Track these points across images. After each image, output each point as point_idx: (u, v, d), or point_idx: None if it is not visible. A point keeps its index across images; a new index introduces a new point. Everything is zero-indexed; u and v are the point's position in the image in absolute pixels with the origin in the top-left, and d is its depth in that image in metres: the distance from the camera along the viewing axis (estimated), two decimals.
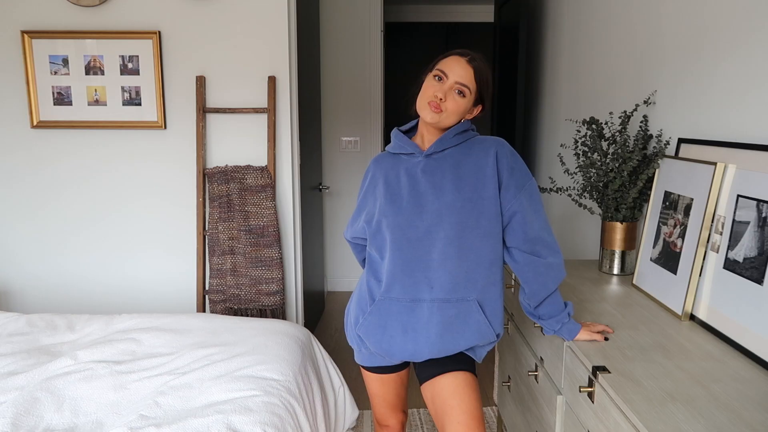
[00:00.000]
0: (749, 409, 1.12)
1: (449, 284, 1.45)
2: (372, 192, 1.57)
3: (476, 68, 1.46)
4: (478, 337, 1.50)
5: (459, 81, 1.45)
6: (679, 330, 1.53)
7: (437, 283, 1.46)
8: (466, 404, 1.50)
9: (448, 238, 1.45)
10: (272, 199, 2.79)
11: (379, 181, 1.55)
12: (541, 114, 3.39)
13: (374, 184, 1.57)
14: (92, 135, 2.82)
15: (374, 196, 1.56)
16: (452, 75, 1.46)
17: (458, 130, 1.50)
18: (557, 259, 1.50)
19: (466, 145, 1.50)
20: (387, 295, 1.49)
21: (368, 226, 1.55)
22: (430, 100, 1.46)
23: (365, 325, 1.53)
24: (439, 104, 1.45)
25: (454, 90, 1.46)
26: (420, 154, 1.51)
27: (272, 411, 1.61)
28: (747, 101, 1.55)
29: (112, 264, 2.91)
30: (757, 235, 1.37)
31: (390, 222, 1.49)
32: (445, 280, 1.45)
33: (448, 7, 5.61)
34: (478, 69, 1.47)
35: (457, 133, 1.50)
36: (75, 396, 1.72)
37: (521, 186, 1.48)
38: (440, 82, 1.46)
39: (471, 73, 1.46)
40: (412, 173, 1.51)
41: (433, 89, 1.46)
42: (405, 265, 1.47)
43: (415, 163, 1.52)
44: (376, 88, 4.36)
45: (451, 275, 1.45)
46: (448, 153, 1.50)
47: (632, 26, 2.23)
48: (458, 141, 1.50)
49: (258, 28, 2.74)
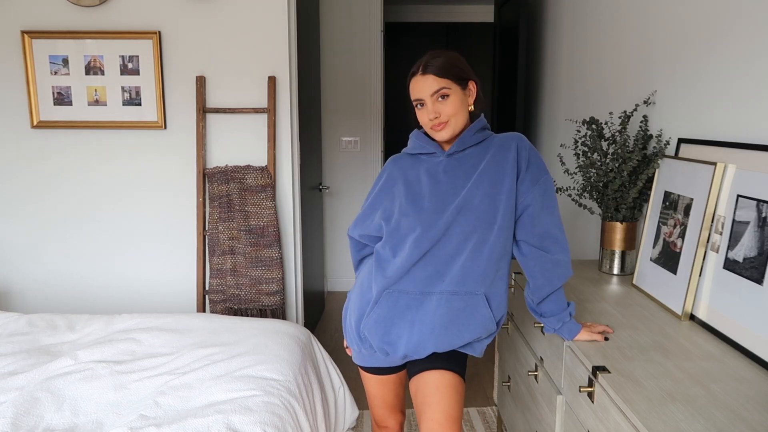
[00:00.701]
0: (749, 409, 1.12)
1: (460, 277, 1.46)
2: (389, 191, 1.58)
3: (433, 70, 1.47)
4: (482, 330, 1.50)
5: (432, 92, 1.47)
6: (679, 330, 1.53)
7: (449, 276, 1.47)
8: (444, 404, 1.51)
9: (465, 233, 1.46)
10: (272, 199, 2.79)
11: (398, 181, 1.56)
12: (541, 114, 3.39)
13: (391, 183, 1.58)
14: (92, 135, 2.82)
15: (392, 195, 1.57)
16: (424, 94, 1.48)
17: (477, 128, 1.52)
18: (565, 256, 1.50)
19: (485, 143, 1.52)
20: (396, 288, 1.49)
21: (386, 224, 1.55)
22: (431, 126, 1.49)
23: (372, 318, 1.51)
24: (440, 122, 1.48)
25: (437, 100, 1.47)
26: (442, 153, 1.53)
27: (272, 411, 1.61)
28: (747, 101, 1.55)
29: (112, 264, 2.91)
30: (757, 235, 1.37)
31: (411, 221, 1.50)
32: (456, 273, 1.46)
33: (448, 7, 5.61)
34: (436, 67, 1.47)
35: (477, 131, 1.52)
36: (75, 396, 1.72)
37: (536, 180, 1.48)
38: (424, 107, 1.49)
39: (433, 78, 1.46)
40: (433, 173, 1.52)
41: (424, 116, 1.50)
42: (421, 260, 1.48)
43: (437, 162, 1.53)
44: (376, 88, 4.36)
45: (463, 268, 1.46)
46: (468, 152, 1.52)
47: (632, 26, 2.23)
48: (478, 139, 1.52)
49: (258, 28, 2.74)
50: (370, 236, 1.63)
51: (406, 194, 1.53)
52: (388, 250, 1.54)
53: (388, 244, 1.54)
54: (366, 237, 1.65)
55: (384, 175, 1.61)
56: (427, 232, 1.47)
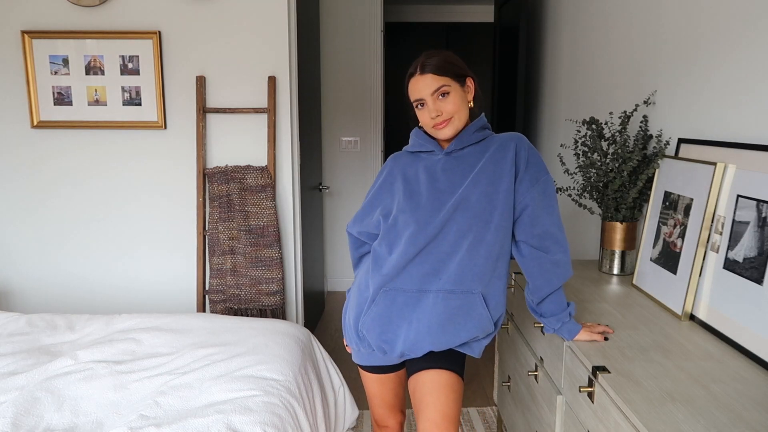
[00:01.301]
0: (749, 409, 1.12)
1: (457, 276, 1.46)
2: (388, 188, 1.58)
3: (431, 68, 1.47)
4: (478, 329, 1.50)
5: (432, 91, 1.47)
6: (679, 330, 1.53)
7: (445, 274, 1.47)
8: (441, 403, 1.51)
9: (461, 231, 1.46)
10: (272, 199, 2.79)
11: (398, 178, 1.56)
12: (541, 114, 3.39)
13: (391, 180, 1.58)
14: (92, 135, 2.82)
15: (391, 192, 1.57)
16: (424, 94, 1.48)
17: (477, 126, 1.52)
18: (565, 257, 1.50)
19: (485, 143, 1.52)
20: (393, 286, 1.49)
21: (384, 221, 1.56)
22: (433, 124, 1.49)
23: (369, 316, 1.52)
24: (442, 120, 1.47)
25: (437, 99, 1.47)
26: (441, 152, 1.53)
27: (272, 411, 1.61)
28: (746, 101, 1.55)
29: (112, 264, 2.91)
30: (756, 235, 1.37)
31: (408, 218, 1.50)
32: (453, 272, 1.46)
33: (448, 7, 5.61)
34: (433, 66, 1.47)
35: (476, 129, 1.52)
36: (75, 396, 1.73)
37: (535, 180, 1.48)
38: (425, 107, 1.49)
39: (431, 76, 1.46)
40: (431, 171, 1.53)
41: (426, 115, 1.49)
42: (417, 257, 1.48)
43: (435, 161, 1.54)
44: (376, 88, 4.36)
45: (459, 267, 1.46)
46: (467, 151, 1.52)
47: (632, 26, 2.23)
48: (478, 138, 1.51)
49: (258, 28, 2.74)
50: (368, 233, 1.63)
51: (404, 191, 1.53)
52: (385, 247, 1.54)
53: (384, 241, 1.54)
54: (365, 234, 1.65)
55: (384, 173, 1.62)
56: (422, 229, 1.47)
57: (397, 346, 1.50)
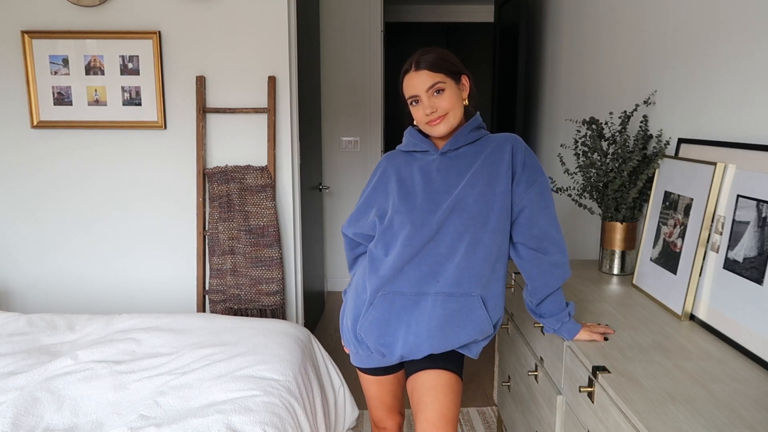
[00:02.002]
0: (749, 409, 1.12)
1: (455, 278, 1.46)
2: (383, 188, 1.57)
3: (426, 65, 1.46)
4: (478, 332, 1.50)
5: (427, 87, 1.46)
6: (679, 330, 1.53)
7: (443, 277, 1.46)
8: (440, 404, 1.50)
9: (457, 233, 1.45)
10: (272, 199, 2.79)
11: (392, 178, 1.55)
12: (541, 114, 3.39)
13: (385, 180, 1.57)
14: (92, 135, 2.82)
15: (386, 192, 1.56)
16: (419, 90, 1.47)
17: (472, 126, 1.51)
18: (563, 257, 1.50)
19: (480, 143, 1.51)
20: (391, 289, 1.49)
21: (380, 223, 1.55)
22: (427, 121, 1.48)
23: (367, 320, 1.51)
24: (437, 116, 1.47)
25: (432, 95, 1.46)
26: (435, 151, 1.52)
27: (272, 411, 1.61)
28: (747, 101, 1.55)
29: (112, 264, 2.91)
30: (757, 235, 1.37)
31: (403, 219, 1.49)
32: (451, 274, 1.46)
33: (448, 7, 5.61)
34: (429, 62, 1.46)
35: (471, 129, 1.51)
36: (75, 396, 1.72)
37: (532, 181, 1.48)
38: (419, 104, 1.48)
39: (426, 73, 1.46)
40: (426, 171, 1.51)
41: (420, 112, 1.48)
42: (413, 259, 1.47)
43: (430, 161, 1.52)
44: (376, 88, 4.36)
45: (457, 269, 1.45)
46: (462, 151, 1.51)
47: (632, 26, 2.23)
48: (473, 138, 1.50)
49: (258, 28, 2.74)
50: (364, 235, 1.62)
51: (398, 192, 1.52)
52: (381, 249, 1.53)
53: (380, 242, 1.53)
54: (360, 235, 1.64)
55: (378, 173, 1.60)
56: (418, 231, 1.47)
57: (396, 349, 1.50)
